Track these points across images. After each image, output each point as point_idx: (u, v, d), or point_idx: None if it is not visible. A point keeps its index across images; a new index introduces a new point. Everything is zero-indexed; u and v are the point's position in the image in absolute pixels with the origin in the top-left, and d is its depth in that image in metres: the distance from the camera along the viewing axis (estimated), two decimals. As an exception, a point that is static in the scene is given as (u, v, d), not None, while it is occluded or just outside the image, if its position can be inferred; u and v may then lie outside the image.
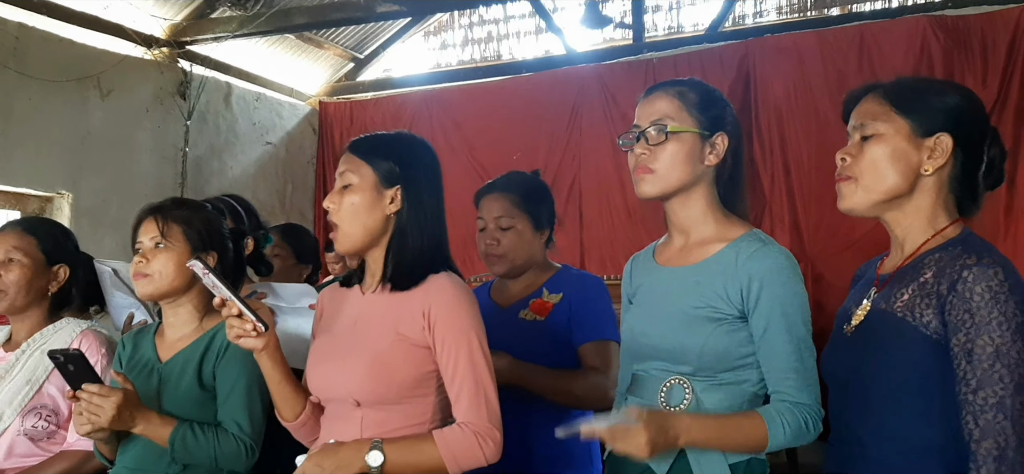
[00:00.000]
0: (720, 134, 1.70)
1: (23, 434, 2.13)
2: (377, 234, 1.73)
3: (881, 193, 1.53)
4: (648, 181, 1.68)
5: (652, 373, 1.70)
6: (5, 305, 2.22)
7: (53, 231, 2.35)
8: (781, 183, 5.76)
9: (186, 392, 1.94)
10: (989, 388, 1.35)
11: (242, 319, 1.65)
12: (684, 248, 1.73)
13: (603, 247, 6.20)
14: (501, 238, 2.27)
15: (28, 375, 2.17)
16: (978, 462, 1.34)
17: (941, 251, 1.48)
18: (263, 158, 6.99)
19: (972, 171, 1.53)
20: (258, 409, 1.95)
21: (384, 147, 1.75)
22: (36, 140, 5.19)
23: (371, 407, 1.66)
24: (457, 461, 1.62)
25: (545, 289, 2.28)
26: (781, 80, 5.79)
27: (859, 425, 1.52)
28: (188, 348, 1.99)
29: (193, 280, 1.98)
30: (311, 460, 1.64)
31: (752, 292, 1.61)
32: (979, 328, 1.37)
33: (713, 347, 1.62)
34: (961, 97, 1.54)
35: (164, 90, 6.12)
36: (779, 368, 1.60)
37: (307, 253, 3.38)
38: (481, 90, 6.92)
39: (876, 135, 1.53)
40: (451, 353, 1.65)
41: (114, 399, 1.80)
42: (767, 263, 1.61)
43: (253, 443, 1.93)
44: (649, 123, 1.69)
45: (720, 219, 1.71)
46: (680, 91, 1.71)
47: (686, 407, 1.62)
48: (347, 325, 1.75)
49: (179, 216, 2.01)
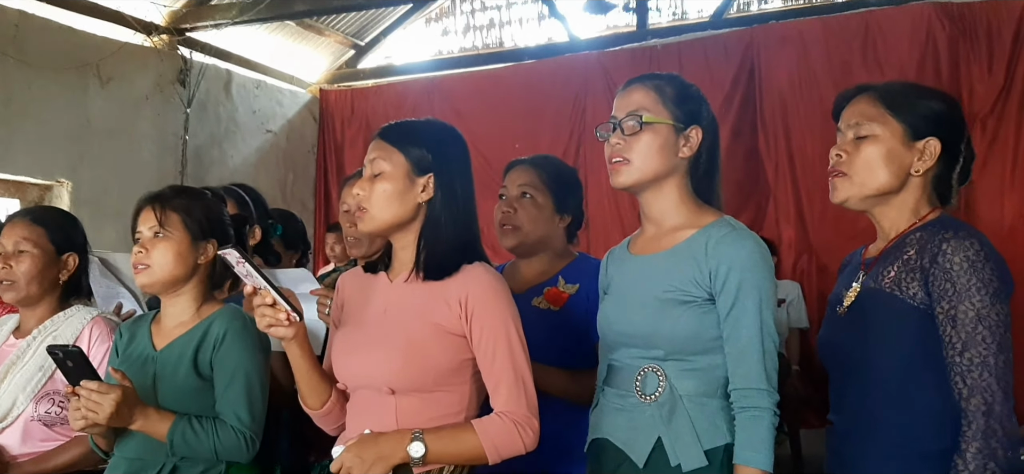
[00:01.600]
0: (694, 127, 1.74)
1: (36, 420, 2.14)
2: (405, 221, 1.71)
3: (873, 190, 1.66)
4: (623, 172, 1.73)
5: (626, 362, 1.74)
6: (16, 296, 2.21)
7: (62, 220, 2.34)
8: (785, 173, 5.74)
9: (183, 381, 1.92)
10: (974, 349, 1.50)
11: (275, 308, 1.62)
12: (656, 237, 1.78)
13: (607, 237, 6.16)
14: (519, 207, 2.22)
15: (40, 361, 2.17)
16: (969, 417, 1.48)
17: (922, 230, 1.62)
18: (264, 147, 6.97)
19: (950, 169, 1.68)
20: (258, 400, 1.93)
21: (416, 134, 1.73)
22: (36, 128, 5.16)
23: (406, 395, 1.65)
24: (498, 450, 1.62)
25: (561, 277, 2.22)
26: (785, 68, 5.76)
27: (859, 397, 1.63)
28: (184, 337, 1.97)
29: (194, 270, 1.97)
30: (350, 451, 1.62)
31: (721, 274, 1.65)
32: (961, 295, 1.51)
33: (683, 330, 1.66)
34: (947, 105, 1.69)
35: (164, 78, 6.09)
36: (740, 349, 1.63)
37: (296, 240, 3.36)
38: (483, 78, 6.89)
39: (871, 136, 1.65)
40: (490, 343, 1.65)
41: (113, 396, 1.79)
42: (737, 247, 1.66)
43: (253, 435, 1.91)
44: (625, 114, 1.74)
45: (693, 208, 1.76)
46: (657, 84, 1.76)
47: (661, 394, 1.66)
48: (377, 313, 1.73)
49: (178, 205, 1.98)
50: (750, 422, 1.61)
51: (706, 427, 1.64)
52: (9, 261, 2.19)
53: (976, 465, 1.45)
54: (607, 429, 1.74)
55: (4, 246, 2.22)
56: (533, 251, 2.26)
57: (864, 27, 5.54)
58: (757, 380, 1.62)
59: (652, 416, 1.66)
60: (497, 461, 1.63)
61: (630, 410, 1.70)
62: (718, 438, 1.64)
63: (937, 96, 1.70)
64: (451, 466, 1.65)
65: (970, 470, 1.45)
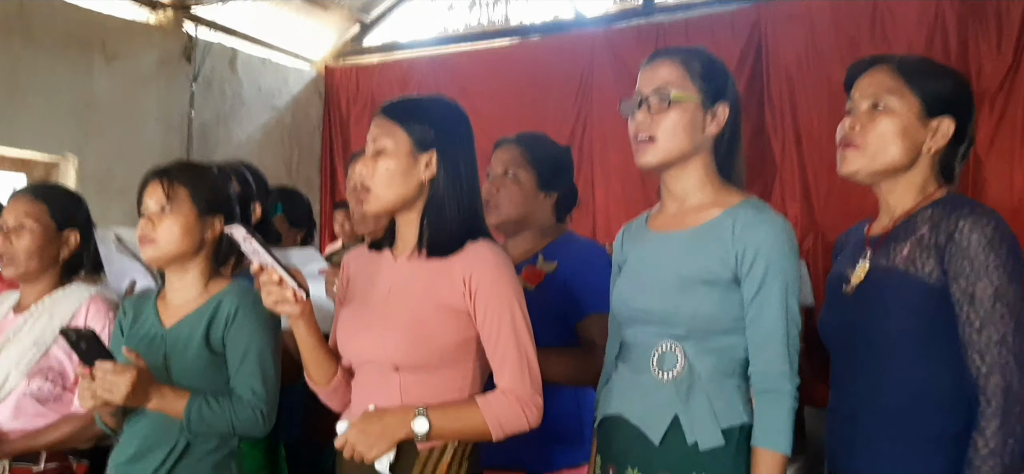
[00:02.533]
0: (722, 103, 1.71)
1: (29, 395, 2.14)
2: (409, 199, 1.70)
3: (884, 164, 1.63)
4: (650, 151, 1.69)
5: (642, 339, 1.71)
6: (16, 271, 2.21)
7: (63, 197, 2.34)
8: (792, 151, 5.70)
9: (194, 359, 1.92)
10: (992, 327, 1.49)
11: (281, 286, 1.62)
12: (678, 214, 1.74)
13: (614, 214, 6.15)
14: (500, 186, 2.21)
15: (35, 337, 2.17)
16: (987, 395, 1.47)
17: (932, 208, 1.60)
18: (269, 124, 6.96)
19: (958, 149, 1.67)
20: (272, 375, 1.93)
21: (419, 111, 1.72)
22: (41, 104, 5.17)
23: (410, 372, 1.66)
24: (501, 427, 1.63)
25: (541, 255, 2.20)
26: (793, 46, 5.71)
27: (867, 378, 1.61)
28: (194, 314, 1.96)
29: (201, 245, 1.96)
30: (355, 427, 1.63)
31: (747, 258, 1.62)
32: (978, 273, 1.50)
33: (706, 310, 1.63)
34: (960, 84, 1.67)
35: (169, 54, 6.08)
36: (764, 334, 1.61)
37: (301, 218, 3.36)
38: (488, 55, 6.85)
39: (889, 109, 1.62)
40: (494, 321, 1.64)
41: (128, 377, 1.78)
42: (764, 231, 1.63)
43: (268, 409, 1.92)
44: (651, 90, 1.69)
45: (717, 187, 1.73)
46: (684, 59, 1.71)
47: (678, 373, 1.64)
48: (382, 291, 1.73)
49: (185, 179, 1.97)
50: (770, 406, 1.59)
51: (724, 407, 1.62)
52: (10, 236, 2.20)
53: (996, 443, 1.44)
54: (621, 406, 1.73)
55: (6, 221, 2.22)
56: (516, 230, 2.24)
57: (872, 5, 5.48)
58: (780, 364, 1.60)
59: (669, 394, 1.64)
60: (501, 438, 1.64)
61: (645, 387, 1.68)
62: (735, 418, 1.63)
63: (952, 75, 1.68)
64: (455, 442, 1.65)
65: (990, 448, 1.44)
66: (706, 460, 1.61)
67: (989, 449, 1.44)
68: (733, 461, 1.61)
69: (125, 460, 1.93)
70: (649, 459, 1.66)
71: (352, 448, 1.63)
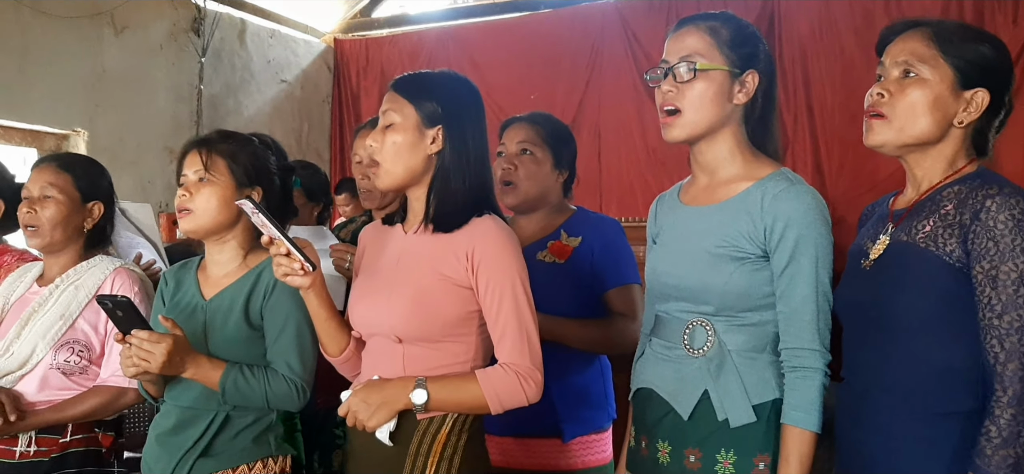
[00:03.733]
0: (751, 72, 1.66)
1: (55, 368, 2.15)
2: (418, 173, 1.71)
3: (912, 137, 1.55)
4: (676, 125, 1.66)
5: (675, 314, 1.71)
6: (41, 241, 2.21)
7: (88, 168, 2.33)
8: (804, 124, 5.67)
9: (233, 331, 1.92)
10: (1014, 312, 1.40)
11: (290, 258, 1.65)
12: (709, 187, 1.72)
13: (623, 189, 6.14)
14: (519, 164, 2.22)
15: (61, 310, 2.18)
16: (1004, 383, 1.40)
17: (959, 184, 1.52)
18: (278, 96, 6.94)
19: (993, 121, 1.58)
20: (309, 349, 1.93)
21: (427, 86, 1.72)
22: (52, 77, 5.16)
23: (413, 344, 1.68)
24: (500, 400, 1.64)
25: (563, 231, 2.24)
26: (806, 17, 5.67)
27: (880, 353, 1.56)
28: (233, 286, 1.96)
29: (239, 216, 1.96)
30: (357, 395, 1.67)
31: (776, 231, 1.59)
32: (1003, 255, 1.41)
33: (735, 286, 1.61)
34: (999, 52, 1.56)
35: (178, 26, 6.06)
36: (794, 308, 1.59)
37: (318, 191, 3.35)
38: (499, 27, 6.82)
39: (920, 78, 1.53)
40: (495, 295, 1.65)
41: (165, 345, 1.79)
42: (794, 203, 1.59)
43: (304, 383, 1.92)
44: (678, 59, 1.65)
45: (748, 158, 1.69)
46: (712, 26, 1.66)
47: (709, 349, 1.63)
48: (390, 263, 1.75)
49: (224, 150, 1.95)
50: (800, 382, 1.58)
51: (755, 382, 1.61)
52: (34, 206, 2.19)
53: (1010, 432, 1.38)
54: (652, 379, 1.73)
55: (30, 191, 2.22)
56: (533, 207, 2.27)
57: (887, -25, 5.43)
58: (809, 340, 1.58)
59: (700, 369, 1.64)
60: (499, 411, 1.65)
61: (677, 362, 1.68)
62: (767, 393, 1.62)
63: (990, 41, 1.57)
64: (455, 414, 1.67)
65: (1003, 437, 1.38)
66: (736, 436, 1.61)
67: (1002, 438, 1.38)
68: (764, 436, 1.61)
69: (165, 431, 1.94)
70: (679, 433, 1.66)
71: (354, 416, 1.66)
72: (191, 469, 1.89)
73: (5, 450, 2.12)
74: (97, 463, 2.17)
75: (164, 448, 1.92)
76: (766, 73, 1.68)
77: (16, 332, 2.18)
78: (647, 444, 1.73)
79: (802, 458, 1.56)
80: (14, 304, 2.26)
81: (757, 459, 1.61)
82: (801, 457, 1.56)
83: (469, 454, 1.68)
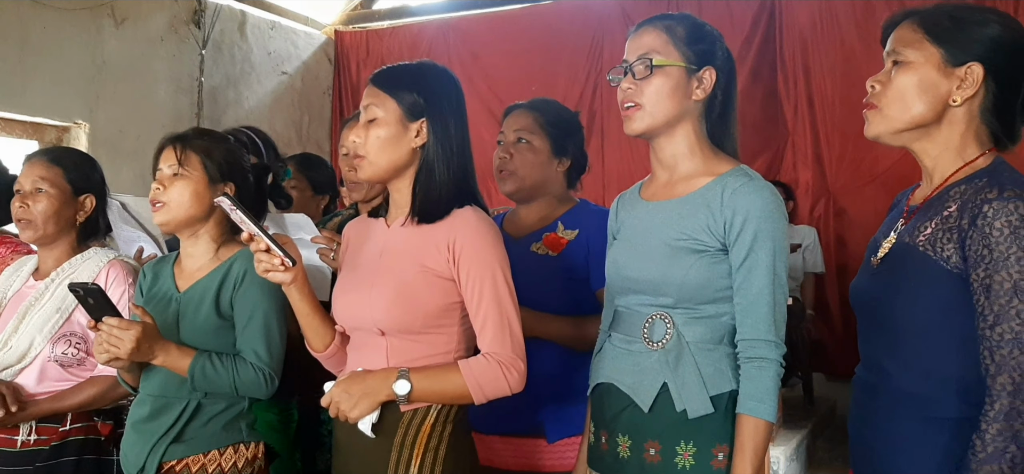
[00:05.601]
0: (708, 68, 1.70)
1: (53, 360, 2.19)
2: (402, 167, 1.73)
3: (905, 123, 1.52)
4: (636, 118, 1.70)
5: (634, 308, 1.73)
6: (34, 235, 2.24)
7: (79, 161, 2.36)
8: (804, 115, 5.67)
9: (204, 322, 1.97)
10: (1006, 323, 1.36)
11: (270, 254, 1.66)
12: (668, 183, 1.75)
13: (623, 182, 6.11)
14: (515, 152, 2.21)
15: (58, 303, 2.21)
16: (993, 396, 1.36)
17: (966, 183, 1.47)
18: (279, 89, 6.94)
19: (1009, 101, 1.50)
20: (276, 338, 1.98)
21: (408, 79, 1.73)
22: (52, 69, 5.16)
23: (396, 336, 1.69)
24: (482, 390, 1.65)
25: (560, 223, 2.21)
26: (806, 8, 5.66)
27: (883, 354, 1.55)
28: (205, 278, 2.01)
29: (211, 210, 2.00)
30: (339, 386, 1.68)
31: (735, 225, 1.62)
32: (997, 264, 1.36)
33: (694, 278, 1.64)
34: (1000, 26, 1.48)
35: (178, 18, 6.06)
36: (751, 300, 1.62)
37: (324, 184, 3.35)
38: (500, 19, 6.81)
39: (905, 63, 1.51)
40: (476, 285, 1.66)
41: (133, 332, 1.84)
42: (753, 198, 1.62)
43: (272, 372, 1.96)
44: (636, 58, 1.70)
45: (707, 155, 1.73)
46: (668, 25, 1.71)
47: (668, 341, 1.65)
48: (373, 256, 1.76)
49: (198, 145, 2.01)
50: (756, 373, 1.60)
51: (712, 373, 1.64)
52: (27, 200, 2.23)
53: (995, 447, 1.33)
54: (612, 373, 1.74)
55: (22, 185, 2.25)
56: (531, 196, 2.24)
57: (888, -34, 5.41)
58: (765, 332, 1.60)
59: (658, 361, 1.66)
60: (483, 401, 1.66)
61: (636, 355, 1.70)
62: (724, 385, 1.64)
63: (990, 16, 1.49)
64: (438, 405, 1.68)
65: (988, 452, 1.34)
66: (695, 427, 1.63)
67: (986, 453, 1.34)
68: (722, 427, 1.63)
69: (140, 419, 1.98)
70: (639, 426, 1.68)
71: (336, 407, 1.68)
72: (164, 455, 1.93)
73: (6, 439, 2.17)
74: (96, 451, 2.21)
75: (139, 435, 1.97)
76: (724, 71, 1.72)
77: (14, 326, 2.21)
78: (607, 439, 1.74)
79: (757, 447, 1.58)
80: (11, 298, 2.29)
81: (716, 450, 1.63)
82: (756, 446, 1.58)
83: (454, 444, 1.69)
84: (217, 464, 1.95)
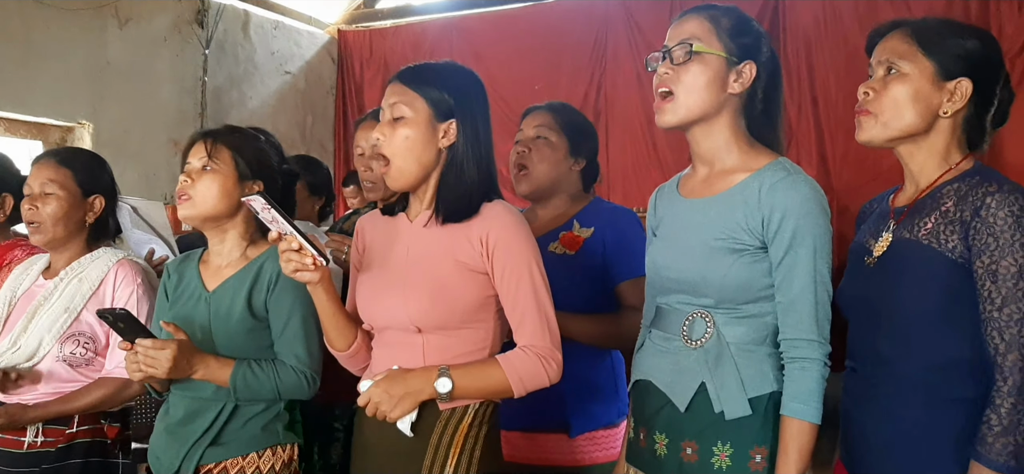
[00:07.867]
0: (748, 63, 1.66)
1: (62, 360, 2.17)
2: (430, 168, 1.71)
3: (898, 130, 1.60)
4: (668, 110, 1.66)
5: (675, 306, 1.71)
6: (43, 237, 2.23)
7: (88, 162, 2.34)
8: (808, 114, 5.66)
9: (238, 323, 1.94)
10: (1013, 305, 1.46)
11: (301, 253, 1.63)
12: (707, 179, 1.72)
13: (627, 181, 6.13)
14: (533, 148, 2.23)
15: (66, 303, 2.20)
16: (1004, 373, 1.45)
17: (959, 182, 1.57)
18: (282, 88, 6.94)
19: (983, 112, 1.61)
20: (314, 338, 1.95)
21: (437, 78, 1.72)
22: (56, 70, 5.16)
23: (432, 333, 1.68)
24: (523, 383, 1.65)
25: (576, 221, 2.23)
26: (810, 8, 5.65)
27: (885, 347, 1.59)
28: (235, 277, 1.98)
29: (238, 208, 1.97)
30: (379, 387, 1.65)
31: (774, 222, 1.59)
32: (1003, 250, 1.46)
33: (734, 279, 1.61)
34: (982, 43, 1.61)
35: (181, 18, 6.06)
36: (792, 299, 1.59)
37: (320, 185, 3.36)
38: (502, 18, 6.80)
39: (901, 74, 1.59)
40: (512, 280, 1.66)
41: (169, 351, 1.82)
42: (791, 193, 1.59)
43: (313, 373, 1.95)
44: (676, 43, 1.66)
45: (745, 149, 1.69)
46: (713, 14, 1.68)
47: (707, 341, 1.63)
48: (400, 255, 1.75)
49: (230, 141, 1.98)
50: (799, 373, 1.57)
51: (752, 374, 1.61)
52: (36, 202, 2.21)
53: (1011, 421, 1.42)
54: (650, 371, 1.73)
55: (31, 188, 2.24)
56: (548, 195, 2.26)
57: (892, -35, 5.40)
58: (808, 331, 1.57)
59: (697, 361, 1.63)
60: (523, 394, 1.66)
61: (675, 354, 1.68)
62: (764, 386, 1.61)
63: (972, 33, 1.62)
64: (476, 404, 1.67)
65: (1004, 426, 1.43)
66: (733, 428, 1.60)
67: (1002, 426, 1.43)
68: (761, 430, 1.60)
69: (175, 422, 1.96)
70: (676, 425, 1.66)
71: (375, 407, 1.65)
72: (201, 458, 1.91)
73: (13, 441, 2.16)
74: (102, 454, 2.20)
75: (173, 438, 1.94)
76: (767, 68, 1.69)
77: (23, 326, 2.20)
78: (645, 436, 1.73)
79: (801, 449, 1.56)
80: (21, 297, 2.28)
81: (754, 451, 1.61)
82: (800, 448, 1.56)
83: (489, 446, 1.69)
84: (255, 467, 1.93)
